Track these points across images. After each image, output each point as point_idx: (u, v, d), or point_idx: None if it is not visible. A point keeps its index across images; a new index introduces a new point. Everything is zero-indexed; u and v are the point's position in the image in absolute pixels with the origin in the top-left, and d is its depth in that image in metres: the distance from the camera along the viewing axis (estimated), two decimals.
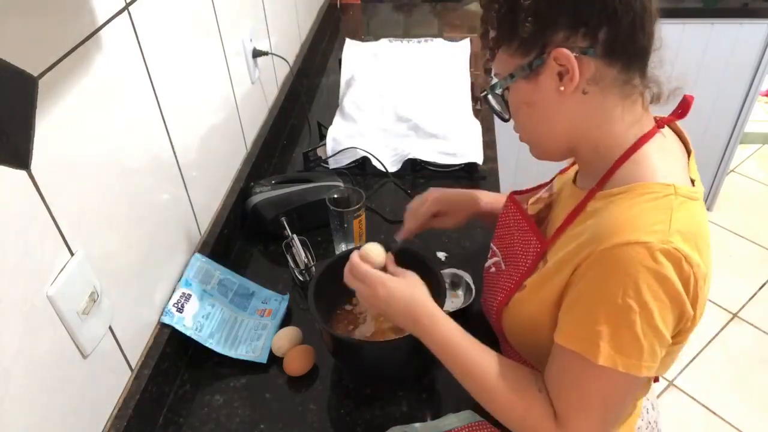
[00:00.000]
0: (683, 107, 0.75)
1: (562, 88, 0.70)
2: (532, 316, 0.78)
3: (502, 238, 0.91)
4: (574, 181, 0.84)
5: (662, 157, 0.72)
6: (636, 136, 0.73)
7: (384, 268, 0.88)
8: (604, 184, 0.73)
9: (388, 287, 0.81)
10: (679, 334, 0.70)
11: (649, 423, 0.92)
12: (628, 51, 0.69)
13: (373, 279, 0.82)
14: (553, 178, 0.93)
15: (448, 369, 0.79)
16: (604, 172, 0.74)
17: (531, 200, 0.90)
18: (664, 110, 0.77)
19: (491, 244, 0.95)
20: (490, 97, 0.79)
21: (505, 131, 2.01)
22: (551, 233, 0.80)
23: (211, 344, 0.98)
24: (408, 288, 0.82)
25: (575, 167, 0.87)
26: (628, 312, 0.64)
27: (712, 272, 0.70)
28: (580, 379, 0.69)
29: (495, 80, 0.77)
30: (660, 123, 0.75)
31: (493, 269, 0.92)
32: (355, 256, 0.86)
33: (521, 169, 2.71)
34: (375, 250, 0.89)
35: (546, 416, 0.71)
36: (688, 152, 0.78)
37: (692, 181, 0.74)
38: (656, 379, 0.93)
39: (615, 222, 0.67)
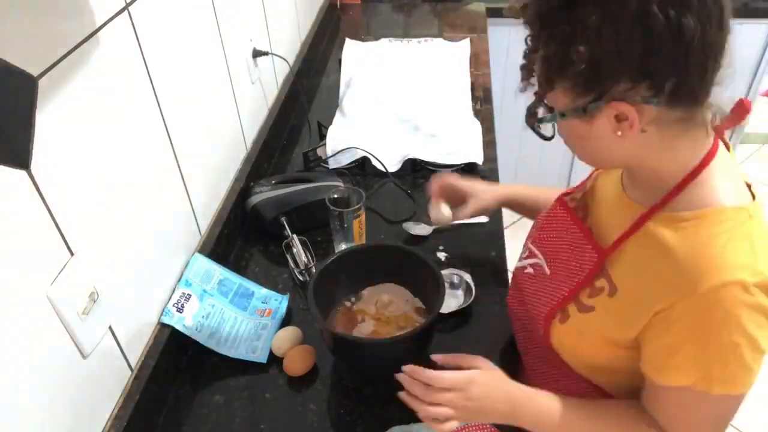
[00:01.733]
0: (740, 112, 0.71)
1: (619, 133, 0.67)
2: (598, 340, 0.78)
3: (547, 241, 0.88)
4: (623, 185, 0.80)
5: (724, 173, 0.70)
6: (699, 157, 0.70)
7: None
8: (666, 204, 0.71)
9: (480, 384, 0.79)
10: None
11: None
12: (695, 95, 0.65)
13: (462, 382, 0.79)
14: (590, 176, 0.90)
15: None
16: (663, 191, 0.71)
17: (567, 198, 0.88)
18: None
19: (528, 244, 0.92)
20: (540, 126, 0.75)
21: (505, 131, 2.01)
22: (601, 238, 0.78)
23: (211, 344, 0.98)
24: (498, 382, 0.81)
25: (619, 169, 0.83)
26: (735, 348, 0.66)
27: None
28: (696, 411, 0.72)
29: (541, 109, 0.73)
30: (719, 134, 0.72)
31: (530, 270, 0.90)
32: (424, 373, 0.80)
33: (521, 169, 2.71)
34: (446, 213, 1.06)
35: None
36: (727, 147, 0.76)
37: (748, 186, 0.73)
38: None
39: (703, 261, 0.66)
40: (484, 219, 1.26)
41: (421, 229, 1.25)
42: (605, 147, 0.71)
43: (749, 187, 0.73)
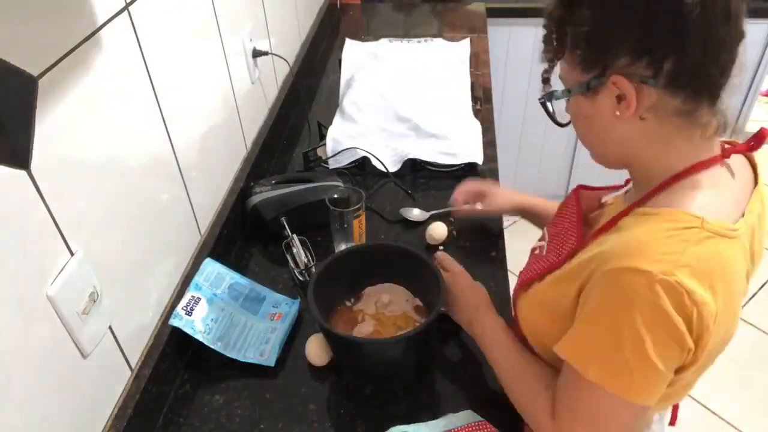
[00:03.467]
0: (757, 139, 0.72)
1: (617, 113, 0.68)
2: (541, 309, 0.81)
3: (555, 225, 0.92)
4: (626, 192, 0.84)
5: (712, 189, 0.69)
6: (689, 162, 0.70)
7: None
8: (644, 203, 0.71)
9: (455, 283, 0.96)
10: (681, 369, 0.68)
11: None
12: (695, 83, 0.65)
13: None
14: (625, 184, 0.89)
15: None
16: (647, 190, 0.72)
17: (603, 199, 0.90)
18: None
19: (546, 228, 0.95)
20: (547, 103, 0.78)
21: (505, 131, 2.01)
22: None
23: (219, 347, 0.98)
24: (467, 290, 0.97)
25: None
26: (619, 337, 0.64)
27: (737, 311, 0.69)
28: (574, 388, 0.71)
29: (553, 88, 0.77)
30: (727, 152, 0.72)
31: (537, 251, 0.93)
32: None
33: (521, 169, 2.72)
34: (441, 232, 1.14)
35: (546, 411, 0.75)
36: (756, 183, 0.75)
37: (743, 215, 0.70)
38: (672, 421, 0.94)
39: (627, 244, 0.66)
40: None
41: (417, 215, 1.27)
42: (606, 129, 0.72)
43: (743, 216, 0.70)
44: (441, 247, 1.21)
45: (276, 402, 0.94)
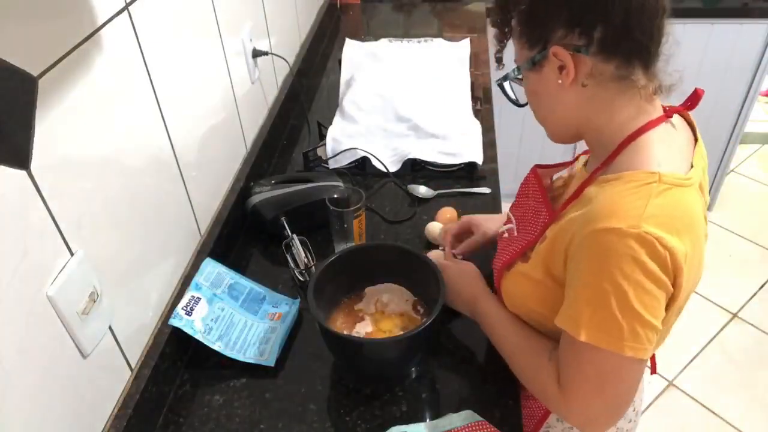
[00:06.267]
0: (693, 99, 0.80)
1: (560, 81, 0.76)
2: (530, 283, 0.85)
3: (519, 206, 0.96)
4: (585, 163, 0.89)
5: (663, 144, 0.75)
6: (638, 124, 0.76)
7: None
8: (605, 168, 0.78)
9: (447, 275, 0.96)
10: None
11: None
12: (624, 48, 0.73)
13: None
14: (576, 158, 0.97)
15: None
16: (605, 156, 0.78)
17: (555, 176, 0.97)
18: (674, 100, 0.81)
19: (509, 212, 1.01)
20: (505, 84, 0.86)
21: (505, 131, 2.01)
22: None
23: (220, 347, 0.98)
24: (460, 278, 0.98)
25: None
26: (604, 294, 0.69)
27: (703, 251, 0.76)
28: (573, 353, 0.75)
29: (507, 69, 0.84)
30: (669, 112, 0.79)
31: (506, 235, 0.97)
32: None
33: (521, 169, 2.71)
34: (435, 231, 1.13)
35: (551, 381, 0.80)
36: (696, 141, 0.82)
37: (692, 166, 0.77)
38: (653, 370, 1.00)
39: (597, 209, 0.72)
40: (486, 190, 1.35)
41: (424, 193, 1.33)
42: (553, 100, 0.80)
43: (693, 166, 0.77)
44: (441, 248, 1.21)
45: (276, 402, 0.94)
